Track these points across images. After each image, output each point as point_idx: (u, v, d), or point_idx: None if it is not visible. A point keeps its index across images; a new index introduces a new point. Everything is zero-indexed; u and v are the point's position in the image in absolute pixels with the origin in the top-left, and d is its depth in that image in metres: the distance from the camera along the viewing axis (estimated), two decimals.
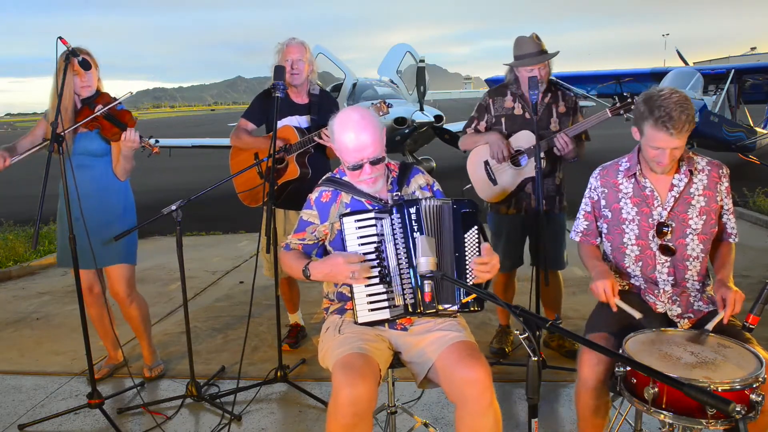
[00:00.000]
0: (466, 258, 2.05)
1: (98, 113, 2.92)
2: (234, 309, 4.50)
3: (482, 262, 2.00)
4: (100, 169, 3.06)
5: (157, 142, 3.10)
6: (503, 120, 3.21)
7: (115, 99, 3.00)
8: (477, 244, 2.06)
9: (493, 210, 3.33)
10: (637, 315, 2.03)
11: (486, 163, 3.24)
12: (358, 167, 2.08)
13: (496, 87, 3.32)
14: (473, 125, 3.31)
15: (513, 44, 3.14)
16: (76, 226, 2.75)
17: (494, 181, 3.23)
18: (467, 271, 2.04)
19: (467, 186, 3.35)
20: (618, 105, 2.95)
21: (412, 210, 2.04)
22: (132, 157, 3.10)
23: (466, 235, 2.06)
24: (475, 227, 2.07)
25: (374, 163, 2.07)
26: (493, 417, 1.89)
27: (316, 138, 3.14)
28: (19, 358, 3.75)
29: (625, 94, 2.95)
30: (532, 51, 3.04)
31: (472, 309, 2.04)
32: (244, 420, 2.87)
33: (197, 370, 3.06)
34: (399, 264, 2.02)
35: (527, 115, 3.15)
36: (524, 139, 3.12)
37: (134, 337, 3.67)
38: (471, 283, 2.03)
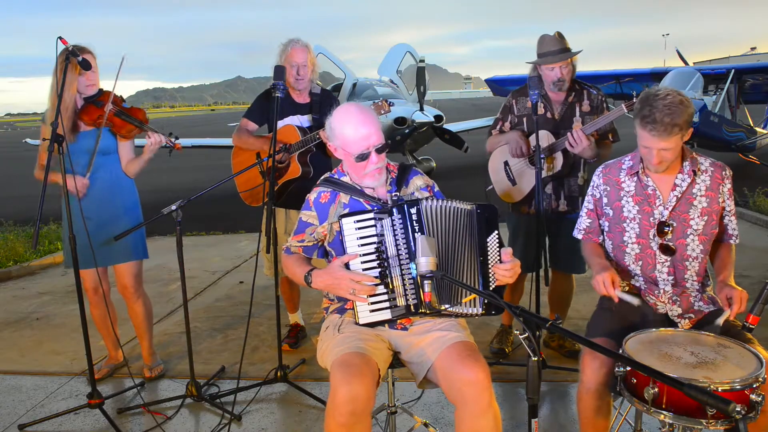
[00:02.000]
0: (489, 262, 2.06)
1: (109, 111, 2.93)
2: (234, 309, 4.50)
3: (505, 268, 2.02)
4: (108, 168, 3.07)
5: (177, 138, 3.10)
6: (525, 120, 3.19)
7: (120, 97, 3.01)
8: (498, 248, 2.08)
9: (514, 210, 3.31)
10: (636, 302, 2.03)
11: (506, 163, 3.23)
12: (365, 156, 2.09)
13: (520, 87, 3.27)
14: (498, 126, 3.30)
15: (536, 42, 3.09)
16: (86, 225, 2.79)
17: (513, 182, 3.22)
18: (490, 275, 2.05)
19: (489, 187, 3.34)
20: (635, 100, 2.91)
21: (413, 210, 2.04)
22: (150, 159, 3.12)
23: (488, 240, 2.07)
24: (496, 232, 2.09)
25: (379, 150, 2.10)
26: (492, 417, 1.89)
27: (319, 133, 3.11)
28: (19, 358, 3.75)
29: (645, 87, 2.90)
30: (553, 49, 2.99)
31: (486, 312, 2.04)
32: (244, 420, 2.87)
33: (197, 370, 3.06)
34: (401, 264, 2.02)
35: (549, 115, 3.12)
36: (542, 138, 3.09)
37: (134, 337, 3.67)
38: (493, 286, 2.05)
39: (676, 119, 1.98)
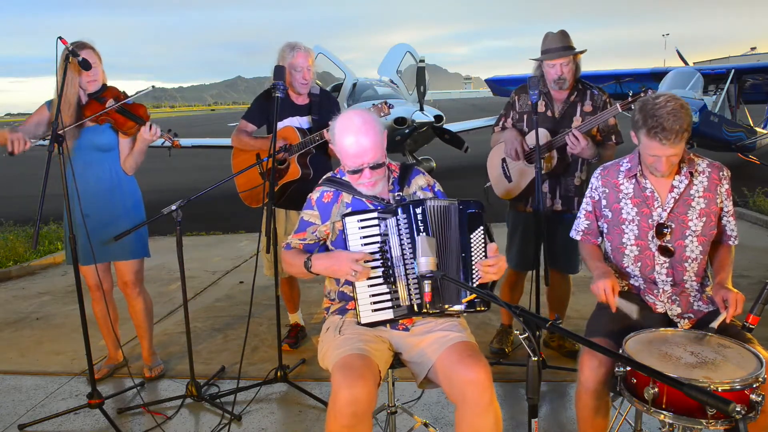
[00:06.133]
0: (473, 259, 2.04)
1: (110, 107, 2.93)
2: (234, 309, 4.50)
3: (488, 264, 2.00)
4: (108, 165, 3.07)
5: (176, 135, 3.09)
6: (525, 117, 3.19)
7: (124, 93, 3.01)
8: (483, 245, 2.06)
9: (512, 208, 3.32)
10: (634, 315, 2.03)
11: (503, 160, 3.24)
12: (358, 171, 2.09)
13: (524, 84, 3.23)
14: (501, 123, 3.31)
15: (540, 42, 3.10)
16: (86, 222, 2.79)
17: (509, 178, 3.23)
18: (473, 272, 2.04)
19: (487, 184, 3.36)
20: (631, 99, 2.90)
21: (419, 210, 2.03)
22: (145, 151, 3.11)
23: (472, 236, 2.06)
24: (481, 228, 2.07)
25: (374, 168, 2.08)
26: (493, 417, 1.89)
27: (322, 133, 3.12)
28: (19, 358, 3.75)
29: (641, 88, 2.89)
30: (555, 46, 2.99)
31: (478, 309, 2.03)
32: (244, 420, 2.87)
33: (197, 370, 3.06)
34: (405, 264, 2.02)
35: (549, 113, 3.12)
36: (540, 136, 3.08)
37: (134, 337, 3.67)
38: (476, 283, 2.03)
39: (684, 124, 2.00)
